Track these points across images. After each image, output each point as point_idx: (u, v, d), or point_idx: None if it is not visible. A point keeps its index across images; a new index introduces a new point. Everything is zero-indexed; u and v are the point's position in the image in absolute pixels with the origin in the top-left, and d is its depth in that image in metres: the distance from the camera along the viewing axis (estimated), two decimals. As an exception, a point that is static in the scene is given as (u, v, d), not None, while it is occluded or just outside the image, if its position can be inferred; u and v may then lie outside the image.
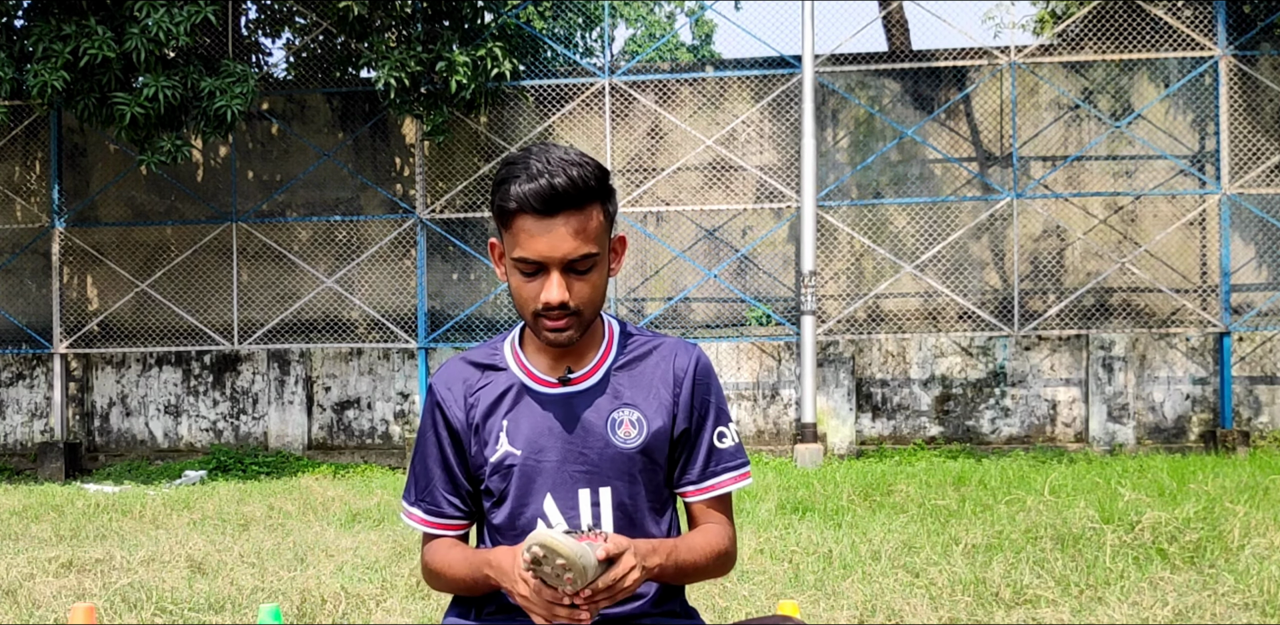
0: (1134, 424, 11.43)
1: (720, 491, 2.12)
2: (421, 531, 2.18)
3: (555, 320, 1.97)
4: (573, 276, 1.96)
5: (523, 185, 1.91)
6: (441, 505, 2.13)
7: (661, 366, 2.12)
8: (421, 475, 2.15)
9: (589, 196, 1.94)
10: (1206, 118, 11.72)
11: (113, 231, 12.75)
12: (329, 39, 12.53)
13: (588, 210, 1.95)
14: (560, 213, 1.92)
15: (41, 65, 10.15)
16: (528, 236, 1.93)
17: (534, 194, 1.90)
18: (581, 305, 1.98)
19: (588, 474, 2.05)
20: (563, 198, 1.90)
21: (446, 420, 2.12)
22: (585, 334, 2.06)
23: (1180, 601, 4.49)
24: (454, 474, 2.13)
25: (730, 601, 4.63)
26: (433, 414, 2.14)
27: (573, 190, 1.91)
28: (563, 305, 1.95)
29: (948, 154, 11.87)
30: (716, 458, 2.12)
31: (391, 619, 4.51)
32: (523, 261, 1.95)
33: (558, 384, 2.09)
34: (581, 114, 12.21)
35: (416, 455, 2.16)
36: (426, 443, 2.14)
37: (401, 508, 2.21)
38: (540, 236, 1.92)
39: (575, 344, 2.03)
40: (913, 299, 12.03)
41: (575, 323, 1.99)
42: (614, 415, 2.07)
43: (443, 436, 2.12)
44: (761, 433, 11.87)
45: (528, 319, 2.01)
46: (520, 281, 1.98)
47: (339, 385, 12.36)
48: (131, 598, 4.84)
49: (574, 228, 1.93)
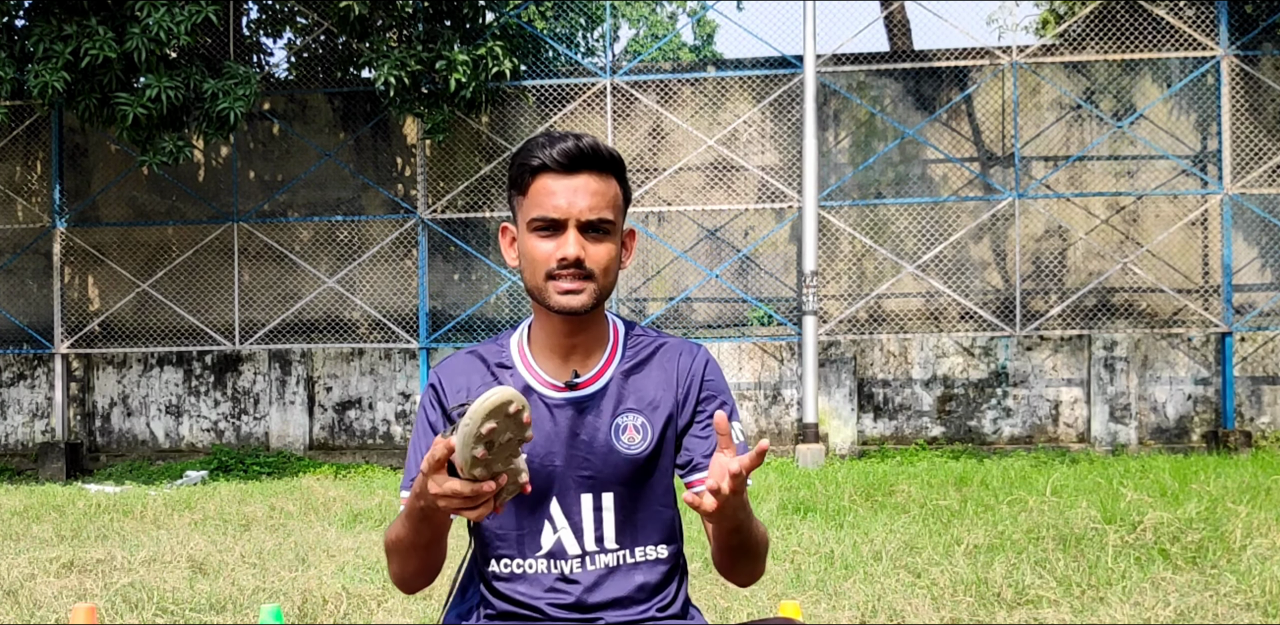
0: (1136, 424, 11.42)
1: None
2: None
3: (568, 282, 1.95)
4: (590, 238, 1.96)
5: (546, 147, 1.95)
6: None
7: (666, 368, 2.10)
8: (415, 464, 2.09)
9: (610, 165, 1.98)
10: (1208, 118, 11.70)
11: (114, 231, 12.75)
12: (330, 39, 12.53)
13: (607, 177, 1.98)
14: (581, 171, 1.95)
15: (42, 65, 10.15)
16: (547, 193, 1.94)
17: (559, 151, 1.93)
18: (595, 268, 1.96)
19: (591, 479, 2.04)
20: (586, 156, 1.94)
21: (444, 409, 2.08)
22: (592, 328, 2.05)
23: (1182, 602, 4.48)
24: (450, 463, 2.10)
25: (732, 602, 4.62)
26: (429, 403, 2.10)
27: (596, 151, 1.95)
28: (578, 263, 1.94)
29: (949, 154, 11.86)
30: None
31: (393, 619, 4.51)
32: (540, 219, 1.95)
33: (564, 388, 2.06)
34: (583, 114, 12.21)
35: (413, 443, 2.12)
36: (421, 431, 2.10)
37: (399, 497, 2.15)
38: (560, 191, 1.94)
39: (587, 313, 1.98)
40: (914, 299, 12.02)
41: (588, 287, 1.96)
42: (618, 421, 2.05)
43: (438, 425, 2.08)
44: (763, 433, 11.86)
45: (538, 286, 1.97)
46: (535, 243, 1.96)
47: (340, 385, 12.36)
48: (133, 598, 4.83)
49: (594, 187, 1.95)
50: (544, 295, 1.97)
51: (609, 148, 1.97)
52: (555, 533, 2.04)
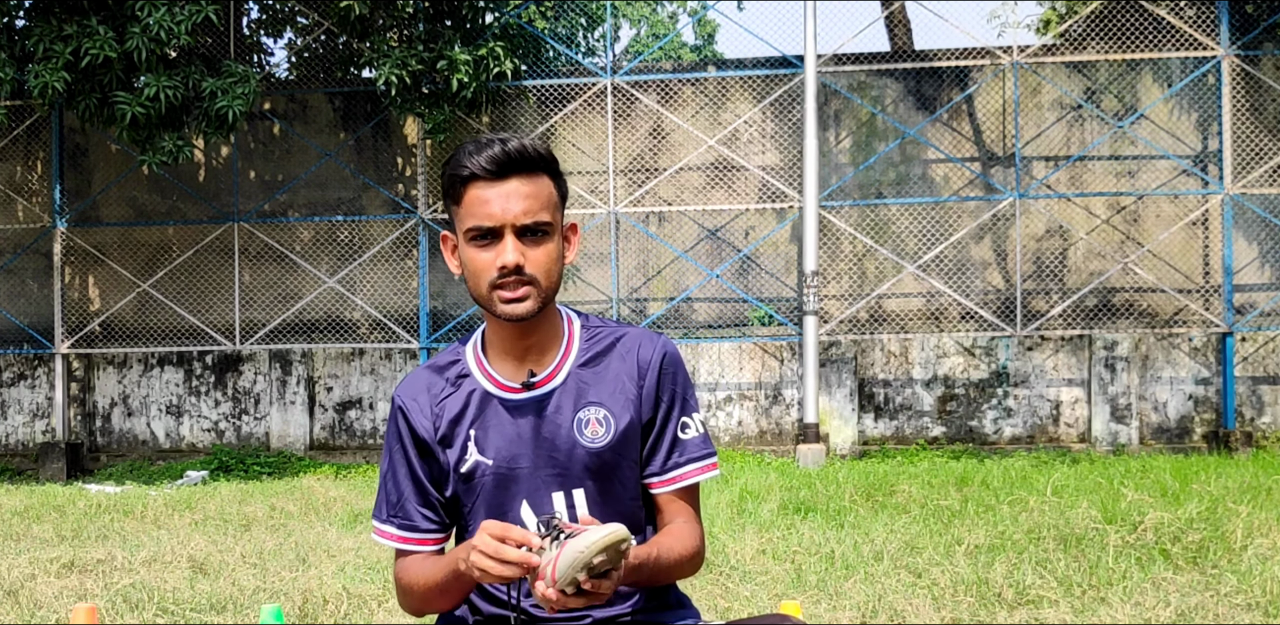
0: (1137, 424, 11.42)
1: (685, 483, 2.08)
2: (395, 549, 2.11)
3: (512, 290, 1.94)
4: (527, 242, 1.94)
5: (473, 154, 1.93)
6: (415, 519, 2.08)
7: (626, 360, 2.08)
8: (392, 490, 2.09)
9: (539, 165, 1.96)
10: (1209, 118, 11.70)
11: (114, 231, 12.75)
12: (331, 39, 12.53)
13: (539, 177, 1.96)
14: (511, 176, 1.93)
15: (43, 65, 10.15)
16: (480, 201, 1.93)
17: (486, 158, 1.92)
18: (537, 272, 1.95)
19: (559, 477, 2.03)
20: (514, 161, 1.92)
21: (413, 431, 2.07)
22: (545, 326, 2.04)
23: (1183, 602, 4.48)
24: (424, 487, 2.08)
25: (732, 602, 4.62)
26: (398, 426, 2.09)
27: (523, 153, 1.93)
28: (518, 269, 1.93)
29: (950, 154, 11.86)
30: (680, 448, 2.08)
31: (393, 619, 4.51)
32: (476, 230, 1.94)
33: (522, 389, 2.05)
34: (583, 114, 12.21)
35: (385, 471, 2.10)
36: (394, 456, 2.09)
37: (372, 528, 2.14)
38: (492, 199, 1.92)
39: (534, 317, 1.98)
40: (915, 299, 12.01)
41: (532, 293, 1.95)
42: (580, 415, 2.04)
43: (409, 449, 2.08)
44: (764, 433, 11.86)
45: (483, 296, 1.97)
46: (474, 254, 1.95)
47: (341, 385, 12.36)
48: (133, 598, 4.83)
49: (525, 191, 1.93)
50: (490, 304, 1.97)
51: (536, 146, 1.95)
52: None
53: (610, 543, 1.71)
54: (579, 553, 1.71)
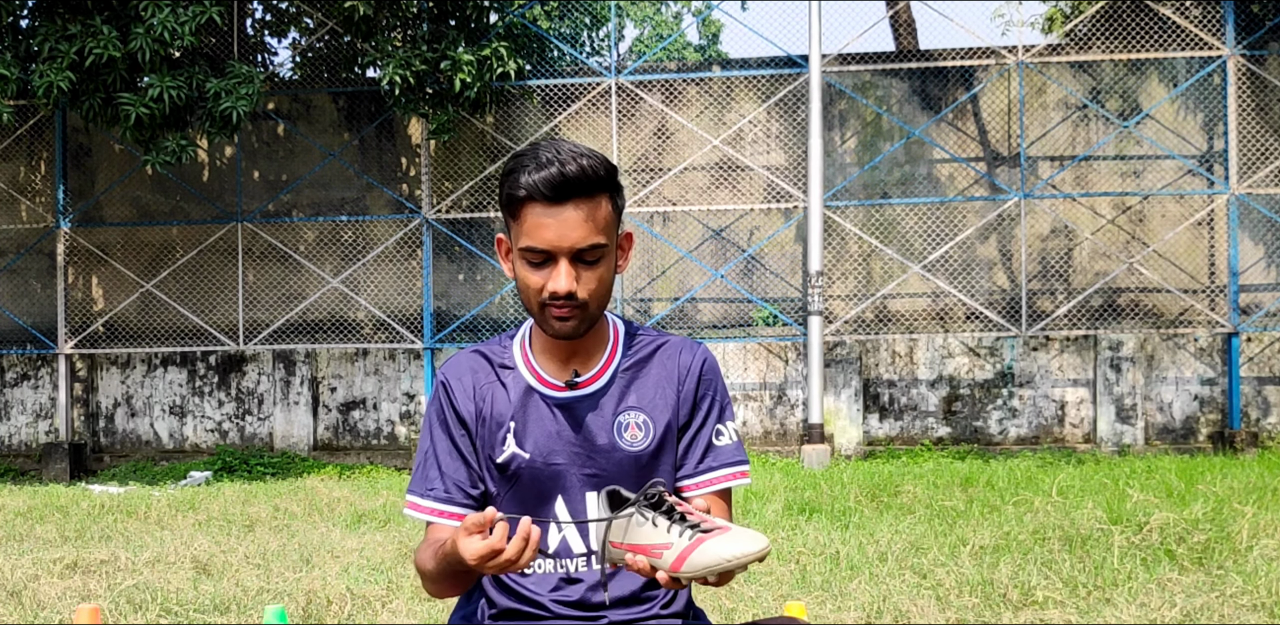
0: (1142, 425, 11.39)
1: (715, 487, 2.09)
2: (425, 521, 2.10)
3: (561, 310, 1.95)
4: (581, 267, 1.94)
5: (532, 174, 1.90)
6: (451, 492, 2.07)
7: (667, 366, 2.11)
8: (430, 464, 2.10)
9: (598, 186, 1.93)
10: (1215, 117, 11.67)
11: (118, 231, 12.75)
12: (335, 39, 12.52)
13: (597, 199, 1.94)
14: (570, 200, 1.90)
15: (47, 65, 10.16)
16: (536, 225, 1.91)
17: (544, 181, 1.89)
18: (588, 297, 1.96)
19: (595, 477, 2.04)
20: (572, 185, 1.89)
21: (455, 409, 2.08)
22: (591, 331, 2.05)
23: (1188, 603, 4.46)
24: (465, 461, 2.08)
25: (737, 603, 4.61)
26: (440, 402, 2.10)
27: (582, 178, 1.90)
28: (570, 295, 1.93)
29: (955, 154, 11.84)
30: (714, 454, 2.10)
31: (397, 620, 4.50)
32: (530, 251, 1.93)
33: (565, 387, 2.07)
34: (588, 114, 12.20)
35: (425, 447, 2.11)
36: (434, 432, 2.10)
37: (405, 502, 2.14)
38: (549, 224, 1.91)
39: (580, 337, 2.01)
40: (920, 299, 12.00)
41: (581, 315, 1.97)
42: (620, 418, 2.06)
43: (451, 424, 2.09)
44: (768, 433, 11.84)
45: (534, 310, 1.99)
46: (528, 272, 1.96)
47: (344, 386, 12.36)
48: (136, 599, 4.83)
49: (583, 216, 1.91)
50: (539, 320, 2.00)
51: (596, 167, 1.91)
52: (560, 532, 2.05)
53: (760, 558, 1.70)
54: (726, 561, 1.69)
